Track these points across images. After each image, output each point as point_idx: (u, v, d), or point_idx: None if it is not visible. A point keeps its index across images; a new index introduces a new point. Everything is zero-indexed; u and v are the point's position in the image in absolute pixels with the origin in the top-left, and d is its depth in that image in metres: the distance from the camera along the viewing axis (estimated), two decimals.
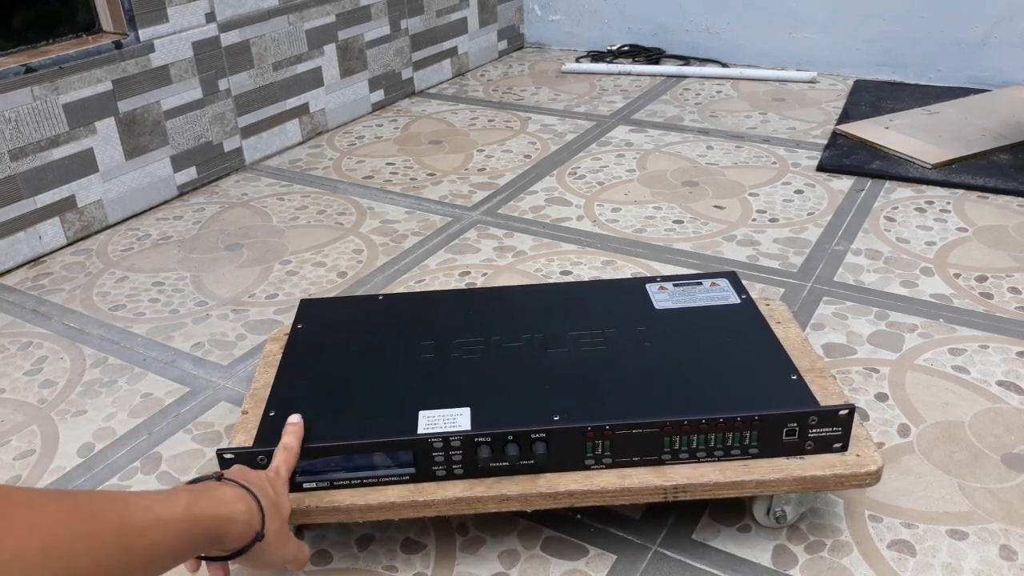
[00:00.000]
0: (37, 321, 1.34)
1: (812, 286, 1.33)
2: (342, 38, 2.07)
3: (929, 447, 0.99)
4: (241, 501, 0.68)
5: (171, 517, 0.60)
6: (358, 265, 1.46)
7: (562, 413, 0.82)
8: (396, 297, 1.10)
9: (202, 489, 0.66)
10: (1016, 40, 2.13)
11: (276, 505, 0.72)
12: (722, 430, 0.81)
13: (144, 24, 1.63)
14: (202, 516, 0.63)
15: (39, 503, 0.52)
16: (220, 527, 0.65)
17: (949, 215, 1.54)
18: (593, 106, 2.21)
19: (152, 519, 0.59)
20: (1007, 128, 1.86)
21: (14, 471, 1.03)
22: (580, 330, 0.96)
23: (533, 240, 1.51)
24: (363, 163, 1.89)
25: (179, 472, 1.01)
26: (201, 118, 1.77)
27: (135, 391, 1.16)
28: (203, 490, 0.66)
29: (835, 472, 0.81)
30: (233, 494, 0.68)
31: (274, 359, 0.99)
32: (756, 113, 2.10)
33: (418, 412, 0.84)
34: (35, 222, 1.52)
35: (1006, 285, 1.32)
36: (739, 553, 0.86)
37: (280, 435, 0.82)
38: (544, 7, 2.74)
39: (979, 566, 0.84)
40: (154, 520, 0.59)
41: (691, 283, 1.06)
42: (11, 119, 1.45)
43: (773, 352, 0.92)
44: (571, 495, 0.81)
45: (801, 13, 2.36)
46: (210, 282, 1.42)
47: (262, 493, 0.71)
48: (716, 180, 1.73)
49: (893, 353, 1.16)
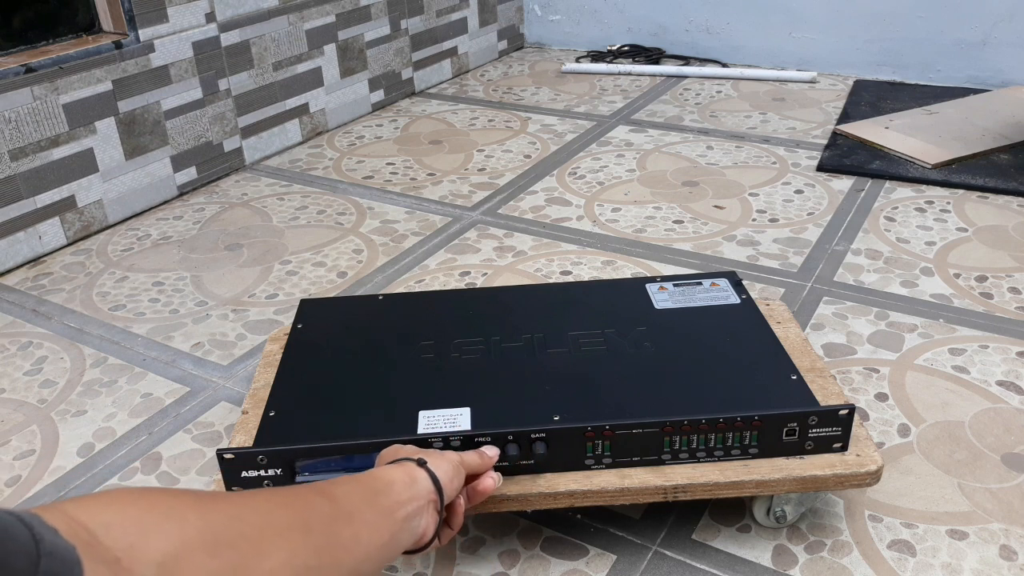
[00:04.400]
0: (37, 321, 1.34)
1: (812, 286, 1.33)
2: (342, 38, 2.07)
3: (929, 447, 0.99)
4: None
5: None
6: (358, 265, 1.46)
7: (562, 413, 0.82)
8: (396, 297, 1.09)
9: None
10: (1016, 40, 2.13)
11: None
12: (722, 430, 0.81)
13: (144, 24, 1.63)
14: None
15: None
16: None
17: (949, 215, 1.54)
18: (593, 106, 2.21)
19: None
20: (1007, 128, 1.86)
21: (14, 471, 1.03)
22: (580, 330, 0.96)
23: (533, 240, 1.51)
24: (363, 163, 1.90)
25: (179, 472, 1.01)
26: (201, 118, 1.77)
27: (135, 391, 1.16)
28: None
29: (835, 472, 0.81)
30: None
31: (274, 359, 0.99)
32: (756, 113, 2.10)
33: (418, 412, 0.84)
34: (35, 222, 1.52)
35: (1006, 285, 1.32)
36: (739, 553, 0.86)
37: (280, 435, 0.82)
38: (544, 7, 2.74)
39: (979, 566, 0.84)
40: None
41: (691, 283, 1.06)
42: (11, 119, 1.45)
43: (773, 352, 0.92)
44: (571, 495, 0.81)
45: (801, 13, 2.36)
46: (210, 282, 1.42)
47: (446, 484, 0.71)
48: (716, 180, 1.73)
49: (893, 353, 1.16)
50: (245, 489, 0.81)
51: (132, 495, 0.49)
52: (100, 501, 0.47)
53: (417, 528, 0.67)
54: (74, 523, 0.43)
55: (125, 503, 0.47)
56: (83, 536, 0.42)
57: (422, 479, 0.69)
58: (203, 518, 0.50)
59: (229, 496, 0.56)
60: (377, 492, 0.65)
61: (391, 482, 0.67)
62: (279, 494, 0.60)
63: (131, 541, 0.45)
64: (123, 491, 0.50)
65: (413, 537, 0.67)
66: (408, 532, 0.66)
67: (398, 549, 0.65)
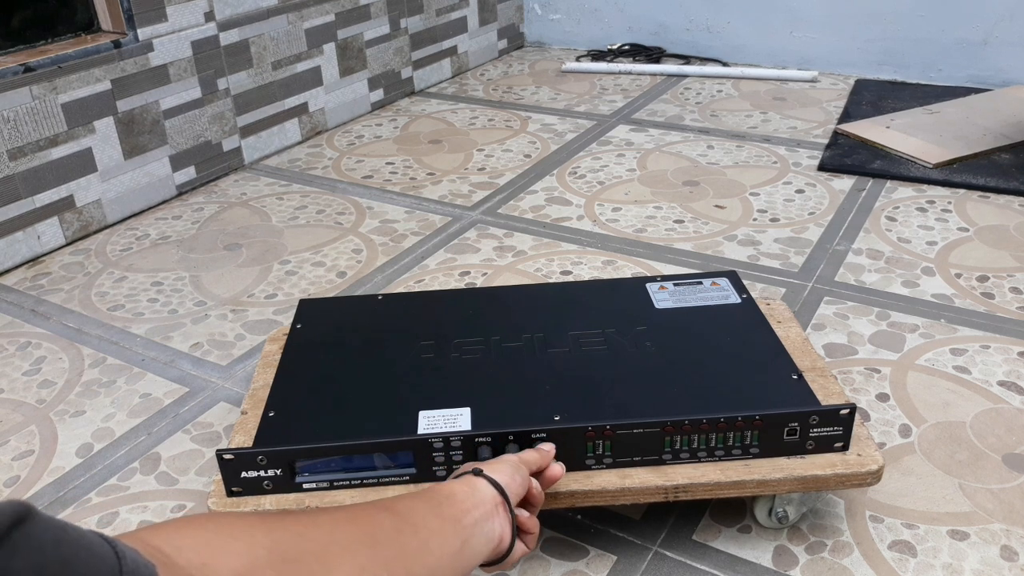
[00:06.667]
0: (36, 321, 1.34)
1: (813, 286, 1.33)
2: (341, 37, 2.07)
3: (930, 447, 0.99)
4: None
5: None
6: (357, 265, 1.45)
7: (562, 413, 0.82)
8: (396, 297, 1.09)
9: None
10: (1017, 39, 2.13)
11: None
12: (723, 430, 0.81)
13: (143, 23, 1.62)
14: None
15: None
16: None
17: (950, 215, 1.54)
18: (593, 105, 2.20)
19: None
20: (1008, 128, 1.86)
21: (13, 471, 1.03)
22: (580, 330, 0.96)
23: (533, 240, 1.51)
24: (362, 163, 1.89)
25: (178, 473, 1.01)
26: (200, 117, 1.77)
27: (134, 391, 1.16)
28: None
29: (836, 472, 0.81)
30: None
31: (273, 359, 0.99)
32: (757, 112, 2.10)
33: (418, 412, 0.84)
34: (34, 222, 1.52)
35: (1007, 285, 1.32)
36: (740, 554, 0.86)
37: (279, 436, 0.82)
38: (544, 6, 2.74)
39: (980, 566, 0.83)
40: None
41: (691, 283, 1.05)
42: (10, 119, 1.45)
43: (774, 352, 0.92)
44: (571, 495, 0.81)
45: (802, 12, 2.36)
46: (209, 282, 1.42)
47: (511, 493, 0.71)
48: (717, 180, 1.72)
49: (894, 353, 1.16)
50: (245, 489, 0.81)
51: (201, 519, 0.52)
52: (172, 526, 0.49)
53: (492, 533, 0.67)
54: (149, 546, 0.45)
55: (195, 527, 0.50)
56: (159, 557, 0.44)
57: (482, 486, 0.69)
58: (270, 536, 0.52)
59: (294, 514, 0.57)
60: (440, 502, 0.65)
61: (452, 492, 0.67)
62: (343, 511, 0.61)
63: (204, 560, 0.47)
64: (193, 516, 0.53)
65: (489, 542, 0.66)
66: (481, 537, 0.66)
67: (474, 556, 0.65)
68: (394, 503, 0.64)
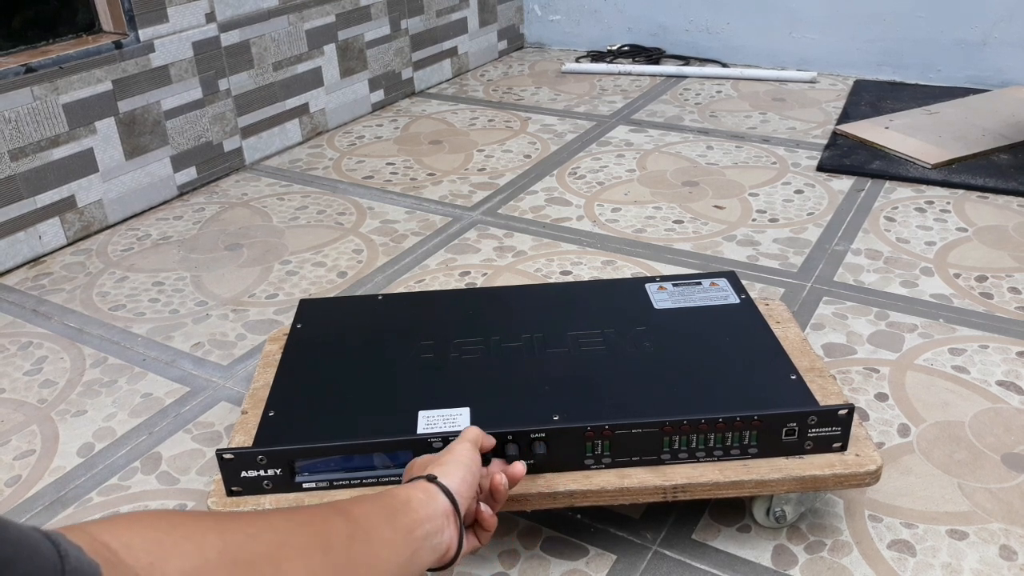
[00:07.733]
0: (37, 321, 1.34)
1: (812, 286, 1.33)
2: (342, 38, 2.07)
3: (929, 447, 0.99)
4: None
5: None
6: (358, 265, 1.46)
7: (561, 413, 0.82)
8: (396, 297, 1.10)
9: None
10: (1016, 40, 2.13)
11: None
12: (721, 430, 0.81)
13: (144, 24, 1.63)
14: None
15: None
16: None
17: (949, 215, 1.54)
18: (593, 106, 2.21)
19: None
20: (1007, 128, 1.86)
21: (14, 471, 1.03)
22: (580, 330, 0.96)
23: (533, 240, 1.51)
24: (363, 163, 1.90)
25: (179, 472, 1.01)
26: (201, 118, 1.77)
27: (135, 391, 1.17)
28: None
29: (835, 472, 0.81)
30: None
31: (274, 359, 0.99)
32: (756, 113, 2.10)
33: (418, 412, 0.84)
34: (35, 222, 1.52)
35: (1006, 285, 1.32)
36: (739, 553, 0.86)
37: (279, 435, 0.82)
38: (544, 7, 2.74)
39: (979, 566, 0.84)
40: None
41: (690, 283, 1.06)
42: (11, 119, 1.45)
43: (772, 352, 0.92)
44: (571, 495, 0.81)
45: (801, 13, 2.36)
46: (210, 282, 1.42)
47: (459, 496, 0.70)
48: (716, 180, 1.73)
49: (893, 353, 1.16)
50: (245, 489, 0.81)
51: (152, 517, 0.50)
52: (121, 522, 0.48)
53: (439, 545, 0.67)
54: (96, 542, 0.44)
55: (145, 524, 0.49)
56: (105, 555, 0.43)
57: (437, 496, 0.68)
58: (221, 538, 0.51)
59: (247, 516, 0.56)
60: (396, 511, 0.65)
61: (408, 500, 0.67)
62: (298, 513, 0.61)
63: (151, 560, 0.46)
64: (144, 513, 0.51)
65: (435, 554, 0.67)
66: (428, 550, 0.66)
67: (419, 567, 0.65)
68: (350, 507, 0.63)
